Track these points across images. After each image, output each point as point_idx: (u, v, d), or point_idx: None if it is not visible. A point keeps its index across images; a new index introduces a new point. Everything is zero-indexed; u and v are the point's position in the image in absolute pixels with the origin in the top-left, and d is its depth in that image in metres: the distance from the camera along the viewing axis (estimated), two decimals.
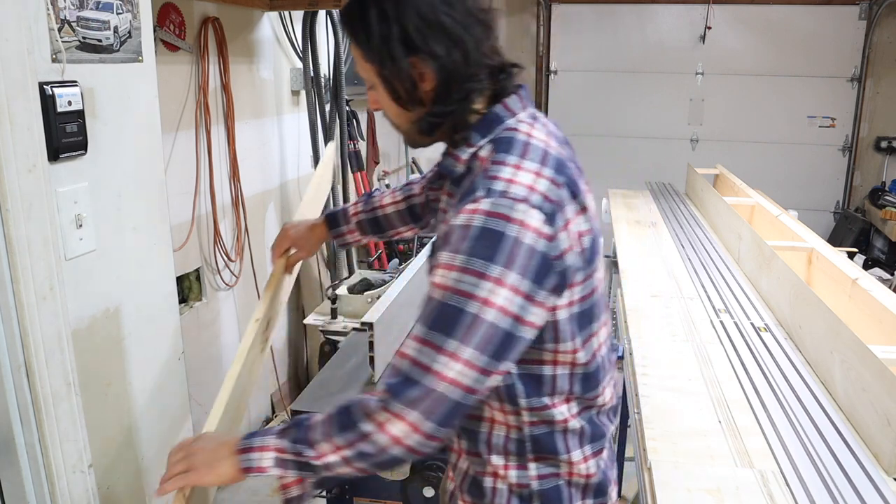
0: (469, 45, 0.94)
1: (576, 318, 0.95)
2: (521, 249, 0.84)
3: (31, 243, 1.11)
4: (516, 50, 6.15)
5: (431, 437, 0.88)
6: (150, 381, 1.47)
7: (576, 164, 1.02)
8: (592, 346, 1.00)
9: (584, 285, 0.94)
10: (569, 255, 0.89)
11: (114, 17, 1.29)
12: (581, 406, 1.03)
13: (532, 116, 1.02)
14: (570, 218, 0.90)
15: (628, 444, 2.46)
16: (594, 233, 0.96)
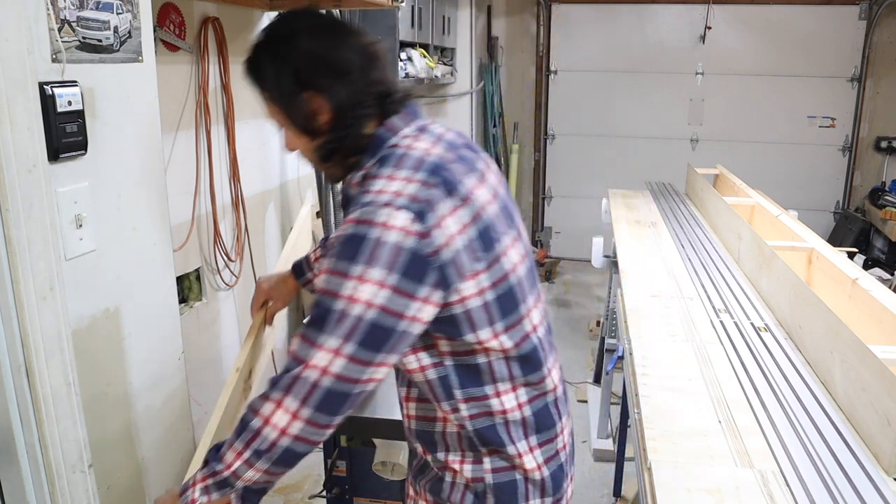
0: (355, 76, 1.03)
1: (493, 305, 0.99)
2: (384, 248, 0.90)
3: (31, 243, 1.11)
4: (516, 50, 6.16)
5: (314, 423, 0.95)
6: (150, 381, 1.47)
7: (468, 163, 1.04)
8: (523, 328, 1.04)
9: (491, 272, 0.98)
10: (447, 251, 0.92)
11: (114, 17, 1.29)
12: (530, 394, 1.07)
13: (418, 129, 1.07)
14: (444, 214, 0.93)
15: (628, 444, 2.46)
16: (485, 221, 0.98)
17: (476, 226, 0.96)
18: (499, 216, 1.03)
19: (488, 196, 1.03)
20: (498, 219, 1.03)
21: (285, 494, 2.68)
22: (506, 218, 1.06)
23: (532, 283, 1.09)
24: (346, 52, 1.03)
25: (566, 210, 6.35)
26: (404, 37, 3.93)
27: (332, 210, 3.10)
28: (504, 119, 6.16)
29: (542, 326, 1.10)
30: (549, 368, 1.10)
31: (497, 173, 1.13)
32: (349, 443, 1.85)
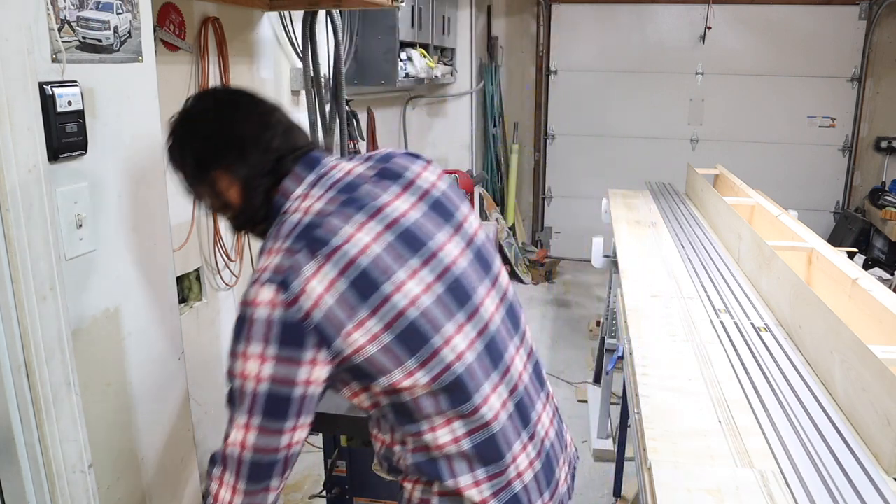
0: (250, 149, 1.08)
1: (395, 346, 0.96)
2: (256, 324, 0.94)
3: (31, 243, 1.11)
4: (516, 50, 6.16)
5: (252, 492, 0.99)
6: (150, 381, 1.47)
7: (361, 201, 1.03)
8: (443, 360, 0.99)
9: (380, 315, 0.95)
10: (318, 311, 0.93)
11: (114, 17, 1.29)
12: (468, 427, 1.02)
13: (311, 184, 1.08)
14: (308, 276, 0.94)
15: (628, 444, 2.46)
16: (360, 267, 0.96)
17: (347, 277, 0.95)
18: (388, 250, 0.99)
19: (378, 228, 1.00)
20: (391, 251, 0.99)
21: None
22: (410, 242, 1.01)
23: (456, 306, 1.02)
24: (240, 127, 1.09)
25: (566, 210, 6.35)
26: (404, 37, 3.93)
27: None
28: (504, 119, 6.16)
29: (471, 352, 1.02)
30: (485, 396, 1.02)
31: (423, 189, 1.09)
32: (349, 443, 1.85)
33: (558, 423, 1.22)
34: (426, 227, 1.05)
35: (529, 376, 1.14)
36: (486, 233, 1.17)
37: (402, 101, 5.12)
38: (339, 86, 3.08)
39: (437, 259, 1.02)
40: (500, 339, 1.08)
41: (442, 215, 1.08)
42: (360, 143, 3.61)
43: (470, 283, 1.06)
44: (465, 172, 5.10)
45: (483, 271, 1.10)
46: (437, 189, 1.11)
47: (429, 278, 1.00)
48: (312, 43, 2.92)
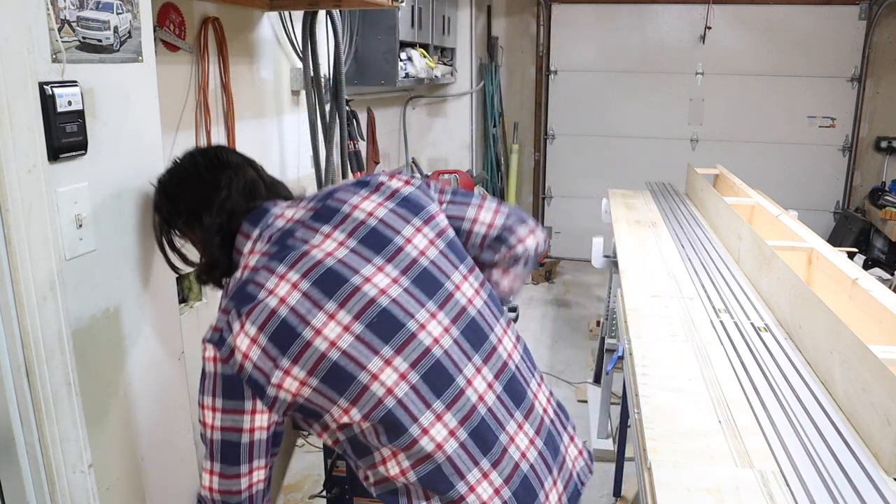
0: (202, 209, 1.19)
1: (323, 388, 1.00)
2: (206, 379, 1.03)
3: (31, 243, 1.11)
4: (516, 50, 6.16)
5: None
6: (150, 381, 1.47)
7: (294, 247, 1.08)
8: (373, 395, 1.00)
9: (302, 362, 1.00)
10: (248, 364, 1.00)
11: (114, 17, 1.29)
12: (411, 459, 1.02)
13: (254, 240, 1.15)
14: (236, 333, 1.01)
15: (628, 443, 2.46)
16: (280, 318, 1.01)
17: (266, 332, 1.00)
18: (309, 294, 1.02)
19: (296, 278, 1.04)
20: (308, 299, 1.02)
21: (285, 494, 2.68)
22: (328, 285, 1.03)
23: (381, 341, 1.02)
24: (196, 190, 1.22)
25: (566, 210, 6.35)
26: (404, 37, 3.93)
27: None
28: (504, 119, 6.16)
29: (403, 383, 1.01)
30: (424, 427, 1.01)
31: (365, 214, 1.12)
32: None
33: (549, 440, 1.15)
34: (352, 264, 1.06)
35: (497, 397, 1.09)
36: (444, 242, 1.14)
37: (402, 101, 5.12)
38: (339, 86, 3.08)
39: (358, 295, 1.03)
40: (447, 364, 1.05)
41: (373, 246, 1.09)
42: (360, 142, 3.61)
43: (403, 310, 1.05)
44: (465, 172, 5.10)
45: (428, 292, 1.08)
46: (373, 218, 1.12)
47: (346, 319, 1.02)
48: (312, 43, 2.93)
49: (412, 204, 1.15)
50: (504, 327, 1.17)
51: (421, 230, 1.12)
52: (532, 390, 1.16)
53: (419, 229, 1.12)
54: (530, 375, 1.18)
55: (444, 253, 1.13)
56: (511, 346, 1.16)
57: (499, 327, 1.15)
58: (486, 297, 1.16)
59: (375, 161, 4.36)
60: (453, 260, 1.14)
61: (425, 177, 5.00)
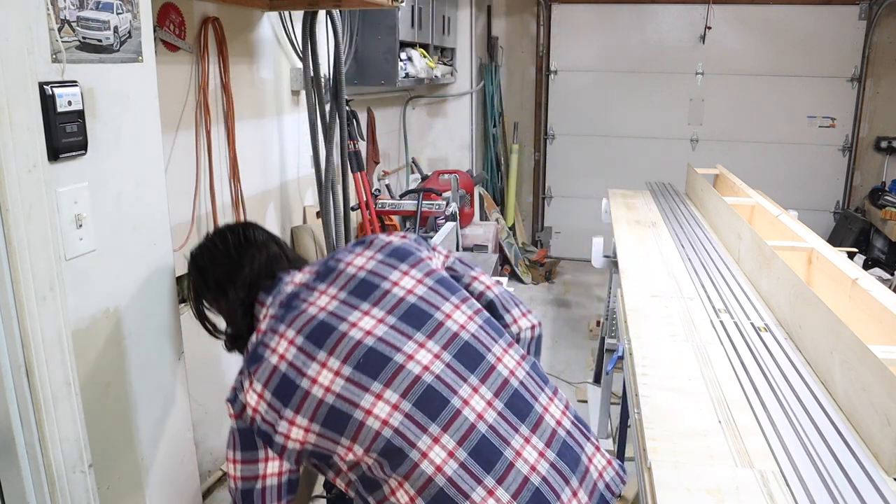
0: (227, 285, 1.30)
1: (325, 431, 1.07)
2: (229, 434, 1.15)
3: (31, 243, 1.11)
4: (516, 50, 6.16)
5: None
6: (150, 381, 1.47)
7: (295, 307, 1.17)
8: (370, 430, 1.05)
9: (304, 411, 1.07)
10: (258, 418, 1.10)
11: (114, 17, 1.29)
12: (415, 485, 1.05)
13: (268, 307, 1.23)
14: (245, 391, 1.11)
15: (628, 443, 2.46)
16: (280, 373, 1.09)
17: (269, 388, 1.09)
18: (303, 348, 1.10)
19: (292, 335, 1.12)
20: (302, 351, 1.10)
21: None
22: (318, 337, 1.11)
23: (369, 379, 1.07)
24: (221, 267, 1.33)
25: (566, 210, 6.35)
26: (404, 37, 3.93)
27: (332, 210, 3.10)
28: (504, 119, 6.16)
29: (397, 413, 1.05)
30: (423, 452, 1.04)
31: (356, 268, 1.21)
32: None
33: (564, 451, 1.13)
34: (340, 313, 1.14)
35: (499, 414, 1.10)
36: (433, 280, 1.22)
37: (402, 101, 5.12)
38: (339, 86, 3.08)
39: (345, 340, 1.11)
40: (440, 388, 1.08)
41: (361, 294, 1.17)
42: (360, 142, 3.61)
43: (389, 346, 1.11)
44: (465, 172, 5.10)
45: (416, 324, 1.14)
46: (363, 270, 1.21)
47: (336, 364, 1.09)
48: (312, 43, 2.93)
49: (401, 252, 1.24)
50: (504, 347, 1.20)
51: (408, 273, 1.21)
52: (542, 404, 1.17)
53: (406, 273, 1.21)
54: (539, 390, 1.19)
55: (433, 289, 1.20)
56: (514, 364, 1.18)
57: (497, 347, 1.18)
58: (482, 321, 1.21)
59: (375, 161, 4.36)
60: (443, 293, 1.20)
61: (425, 177, 5.00)
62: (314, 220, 3.37)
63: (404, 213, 4.03)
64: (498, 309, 1.32)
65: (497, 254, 4.58)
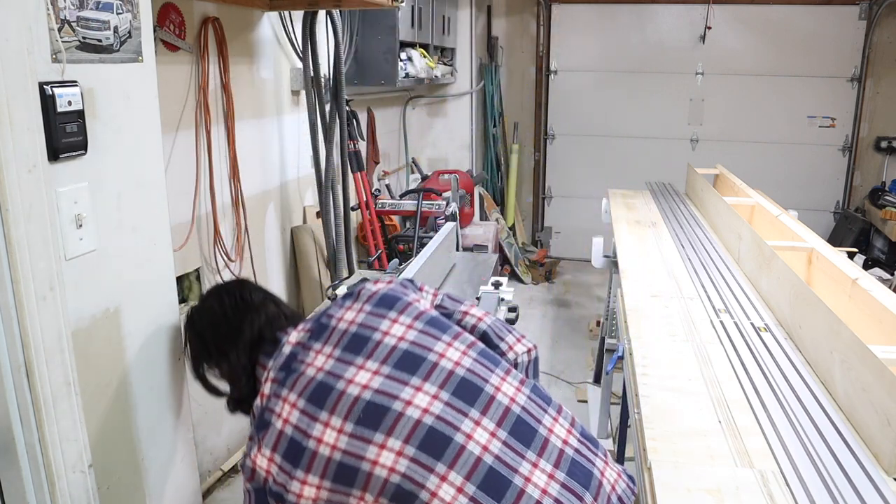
0: (229, 348, 1.31)
1: (336, 486, 1.09)
2: (244, 494, 1.18)
3: (31, 243, 1.11)
4: (516, 50, 6.16)
5: None
6: (150, 381, 1.47)
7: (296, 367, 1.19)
8: (378, 478, 1.06)
9: (313, 470, 1.09)
10: (270, 478, 1.12)
11: (114, 17, 1.29)
12: None
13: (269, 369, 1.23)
14: (253, 456, 1.14)
15: (628, 443, 2.46)
16: (287, 436, 1.12)
17: (279, 450, 1.12)
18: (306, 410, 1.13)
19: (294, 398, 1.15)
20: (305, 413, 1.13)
21: None
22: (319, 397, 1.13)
23: (370, 431, 1.09)
24: (222, 330, 1.33)
25: (566, 210, 6.35)
26: (404, 37, 3.93)
27: (332, 210, 3.10)
28: (504, 119, 6.16)
29: (402, 459, 1.07)
30: (433, 491, 1.05)
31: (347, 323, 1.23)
32: None
33: (574, 469, 1.14)
34: (336, 371, 1.16)
35: (504, 443, 1.11)
36: (423, 322, 1.23)
37: (402, 101, 5.12)
38: (339, 86, 3.08)
39: (344, 398, 1.13)
40: (441, 427, 1.10)
41: (354, 349, 1.19)
42: (360, 142, 3.61)
43: (387, 396, 1.12)
44: (465, 172, 5.10)
45: (411, 370, 1.16)
46: (353, 325, 1.23)
47: (338, 423, 1.11)
48: (312, 43, 2.93)
49: (388, 300, 1.26)
50: (502, 375, 1.21)
51: (397, 320, 1.23)
52: (546, 426, 1.17)
53: (395, 320, 1.23)
54: (542, 412, 1.19)
55: (423, 331, 1.21)
56: (513, 391, 1.19)
57: (495, 377, 1.19)
58: (476, 354, 1.22)
59: (375, 161, 4.36)
60: (434, 333, 1.22)
61: (425, 177, 5.00)
62: (314, 220, 3.37)
63: (404, 213, 4.03)
64: (492, 339, 1.36)
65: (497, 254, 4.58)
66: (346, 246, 3.22)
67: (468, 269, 2.71)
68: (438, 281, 2.50)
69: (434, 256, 2.36)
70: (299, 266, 3.32)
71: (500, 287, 2.28)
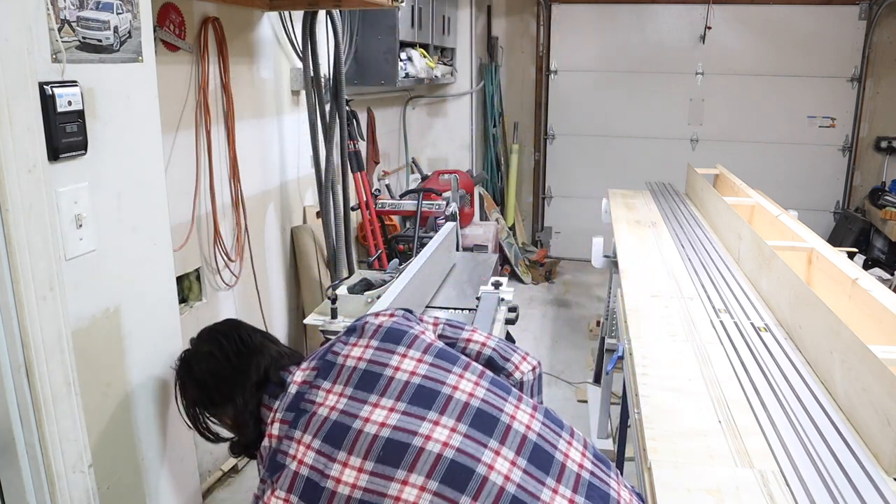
0: (235, 394, 1.29)
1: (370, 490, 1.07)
2: None
3: (31, 243, 1.11)
4: (516, 50, 6.16)
5: None
6: (150, 381, 1.47)
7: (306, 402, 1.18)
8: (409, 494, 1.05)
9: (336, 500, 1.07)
10: None
11: (114, 17, 1.29)
12: None
13: (276, 410, 1.21)
14: (267, 498, 1.11)
15: (628, 443, 2.46)
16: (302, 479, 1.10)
17: (295, 491, 1.09)
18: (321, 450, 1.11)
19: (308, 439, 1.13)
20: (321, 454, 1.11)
21: None
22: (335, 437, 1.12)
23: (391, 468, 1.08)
24: (226, 380, 1.31)
25: (566, 210, 6.35)
26: (404, 37, 3.93)
27: (332, 210, 3.10)
28: (504, 119, 6.16)
29: (426, 494, 1.06)
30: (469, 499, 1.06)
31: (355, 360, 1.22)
32: None
33: (592, 492, 1.15)
34: (351, 410, 1.15)
35: (524, 471, 1.12)
36: (432, 356, 1.23)
37: (402, 101, 5.12)
38: (339, 86, 3.08)
39: (362, 437, 1.11)
40: (463, 459, 1.10)
41: (366, 387, 1.18)
42: (360, 142, 3.61)
43: (405, 432, 1.12)
44: (465, 172, 5.10)
45: (426, 405, 1.15)
46: (362, 361, 1.22)
47: (357, 462, 1.10)
48: (312, 43, 2.93)
49: (395, 334, 1.25)
50: (515, 403, 1.21)
51: (407, 355, 1.22)
52: (561, 451, 1.17)
53: (405, 355, 1.22)
54: (556, 437, 1.19)
55: (434, 364, 1.21)
56: (527, 418, 1.19)
57: (509, 405, 1.19)
58: (488, 384, 1.22)
59: (375, 161, 4.36)
60: (445, 366, 1.21)
61: (425, 177, 5.00)
62: (314, 220, 3.37)
63: (404, 213, 4.03)
64: (498, 362, 1.36)
65: (497, 254, 4.58)
66: (346, 246, 3.22)
67: (468, 269, 2.71)
68: (439, 281, 2.50)
69: (434, 256, 2.36)
70: (299, 266, 3.32)
71: (500, 287, 2.28)
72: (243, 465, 2.81)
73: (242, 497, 2.64)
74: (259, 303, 2.93)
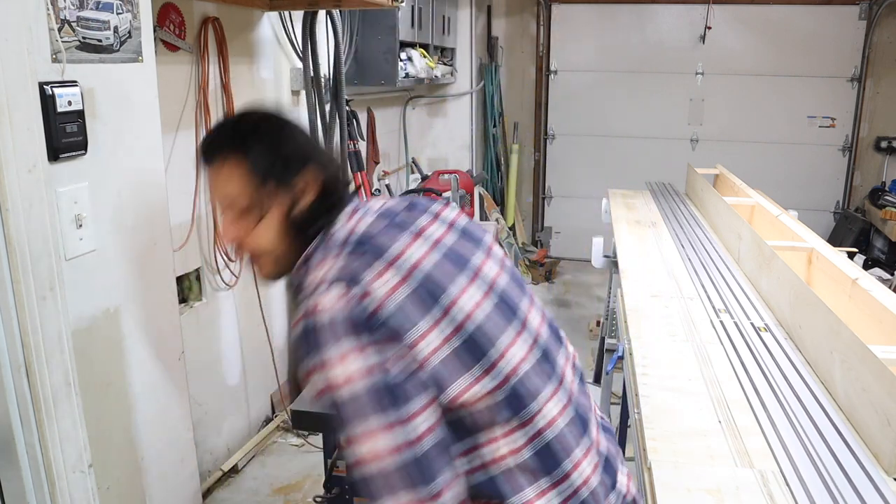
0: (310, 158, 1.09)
1: (459, 355, 0.96)
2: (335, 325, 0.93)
3: (31, 243, 1.11)
4: (516, 50, 6.16)
5: None
6: (150, 381, 1.47)
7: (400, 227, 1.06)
8: (501, 371, 0.98)
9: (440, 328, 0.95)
10: (383, 311, 0.93)
11: (114, 17, 1.29)
12: (527, 436, 1.00)
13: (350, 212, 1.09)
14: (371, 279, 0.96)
15: (628, 443, 2.46)
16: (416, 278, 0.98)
17: (408, 286, 0.96)
18: (440, 264, 1.02)
19: (425, 247, 1.03)
20: (440, 268, 1.01)
21: (285, 494, 2.68)
22: (456, 261, 1.04)
23: (505, 321, 1.04)
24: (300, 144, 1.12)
25: (566, 210, 6.35)
26: (404, 37, 3.93)
27: None
28: (504, 119, 6.16)
29: (526, 362, 1.03)
30: (543, 403, 1.03)
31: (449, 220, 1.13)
32: None
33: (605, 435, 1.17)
34: (464, 249, 1.08)
35: (578, 387, 1.14)
36: (508, 274, 1.16)
37: (402, 101, 5.12)
38: (339, 86, 3.08)
39: (481, 276, 1.06)
40: (550, 351, 1.10)
41: (472, 241, 1.12)
42: (360, 142, 3.61)
43: (514, 298, 1.09)
44: (465, 172, 5.09)
45: (520, 290, 1.13)
46: (459, 223, 1.15)
47: (478, 295, 1.02)
48: (312, 43, 2.93)
49: (473, 235, 1.15)
50: (566, 356, 1.17)
51: (487, 260, 1.12)
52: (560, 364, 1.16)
53: (485, 259, 1.12)
54: (589, 409, 1.17)
55: (511, 283, 1.13)
56: (570, 375, 1.16)
57: (561, 357, 1.16)
58: (550, 330, 1.17)
59: (375, 161, 4.36)
60: (518, 292, 1.14)
61: (425, 177, 5.00)
62: None
63: None
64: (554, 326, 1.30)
65: None
66: None
67: None
68: None
69: None
70: None
71: None
72: (244, 465, 2.81)
73: (242, 497, 2.64)
74: (259, 303, 2.93)
